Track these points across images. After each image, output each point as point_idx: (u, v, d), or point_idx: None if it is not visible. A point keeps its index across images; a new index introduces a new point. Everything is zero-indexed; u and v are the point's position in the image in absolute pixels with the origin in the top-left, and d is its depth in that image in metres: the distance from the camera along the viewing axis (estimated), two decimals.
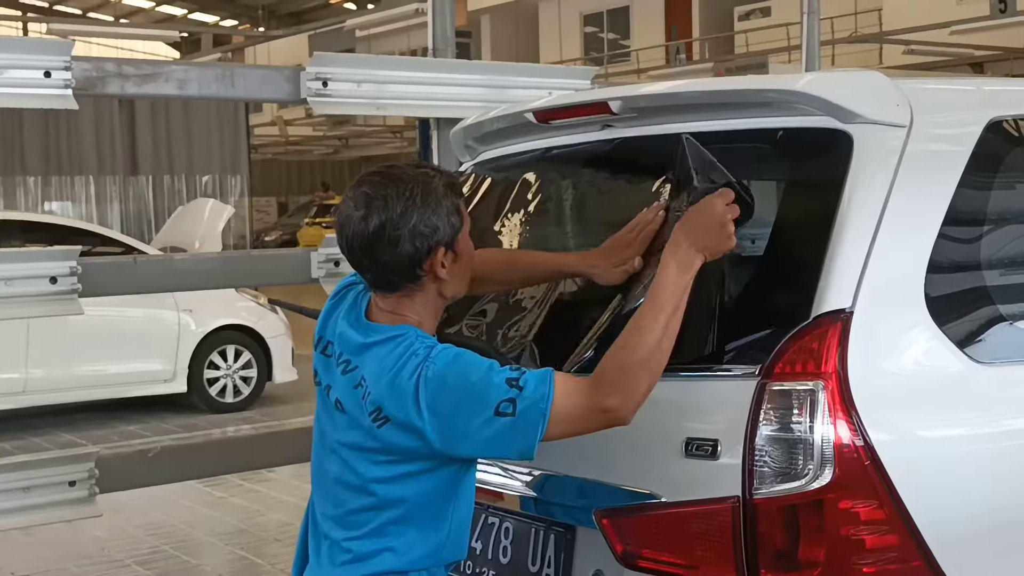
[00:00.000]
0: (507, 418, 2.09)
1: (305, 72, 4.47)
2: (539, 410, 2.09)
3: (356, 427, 2.21)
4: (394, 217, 2.18)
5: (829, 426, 2.05)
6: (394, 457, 2.18)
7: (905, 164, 2.26)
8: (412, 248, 2.19)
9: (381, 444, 2.18)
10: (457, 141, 3.27)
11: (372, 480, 2.21)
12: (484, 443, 2.13)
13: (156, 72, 4.36)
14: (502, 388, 2.10)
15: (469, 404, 2.11)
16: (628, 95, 2.63)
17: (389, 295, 2.25)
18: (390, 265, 2.20)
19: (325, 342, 2.35)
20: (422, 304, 2.25)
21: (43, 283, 4.04)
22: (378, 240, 2.18)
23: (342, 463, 2.26)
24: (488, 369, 2.13)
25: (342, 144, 35.48)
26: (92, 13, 35.62)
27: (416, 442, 2.15)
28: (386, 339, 2.19)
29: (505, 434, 2.10)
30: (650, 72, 22.92)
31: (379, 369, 2.17)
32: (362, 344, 2.22)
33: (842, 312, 2.10)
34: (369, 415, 2.17)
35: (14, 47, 4.02)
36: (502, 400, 2.09)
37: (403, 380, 2.13)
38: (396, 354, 2.16)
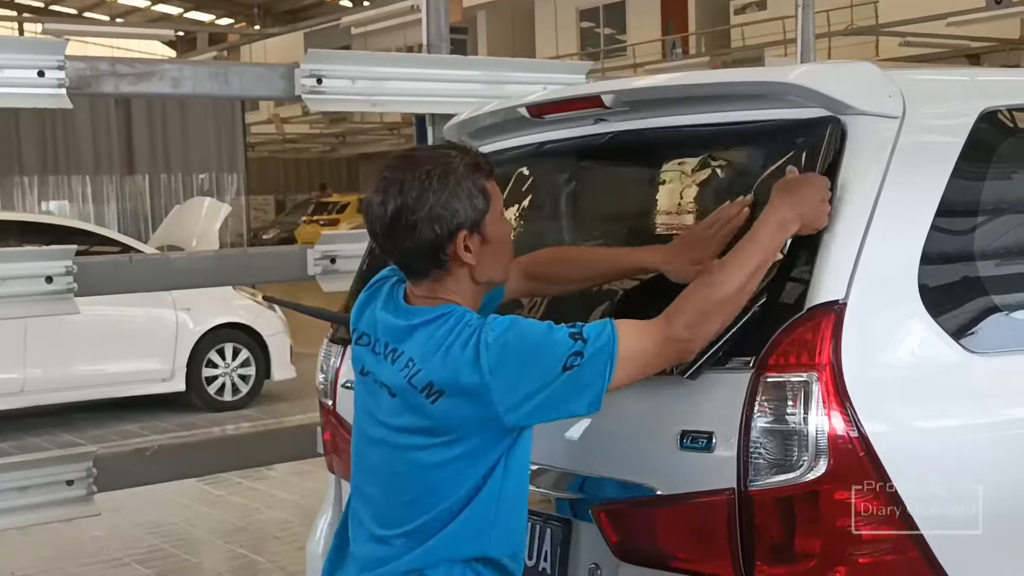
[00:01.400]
0: (574, 371, 2.05)
1: (300, 69, 4.47)
2: (606, 354, 2.06)
3: (408, 408, 2.14)
4: (409, 202, 2.12)
5: (823, 417, 2.05)
6: (448, 438, 2.11)
7: (898, 155, 2.26)
8: (432, 233, 2.13)
9: (434, 422, 2.11)
10: (451, 136, 3.27)
11: (422, 467, 2.14)
12: (553, 403, 2.07)
13: (150, 71, 4.36)
14: (566, 343, 2.06)
15: (535, 364, 2.06)
16: (621, 89, 2.63)
17: (421, 281, 2.20)
18: (413, 251, 2.15)
19: (359, 333, 2.31)
20: (456, 288, 2.19)
21: (39, 282, 4.04)
22: (396, 226, 2.13)
23: (391, 451, 2.19)
24: (548, 328, 2.10)
25: (339, 141, 35.47)
26: (88, 12, 35.59)
27: (476, 410, 2.08)
28: (432, 319, 2.14)
29: (573, 387, 2.06)
30: (646, 66, 22.94)
31: (428, 347, 2.12)
32: (406, 327, 2.17)
33: (836, 303, 2.10)
34: (421, 392, 2.10)
35: (8, 47, 4.02)
36: (569, 354, 2.05)
37: (457, 351, 2.08)
38: (446, 329, 2.11)
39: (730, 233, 2.33)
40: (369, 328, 2.28)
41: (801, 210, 2.16)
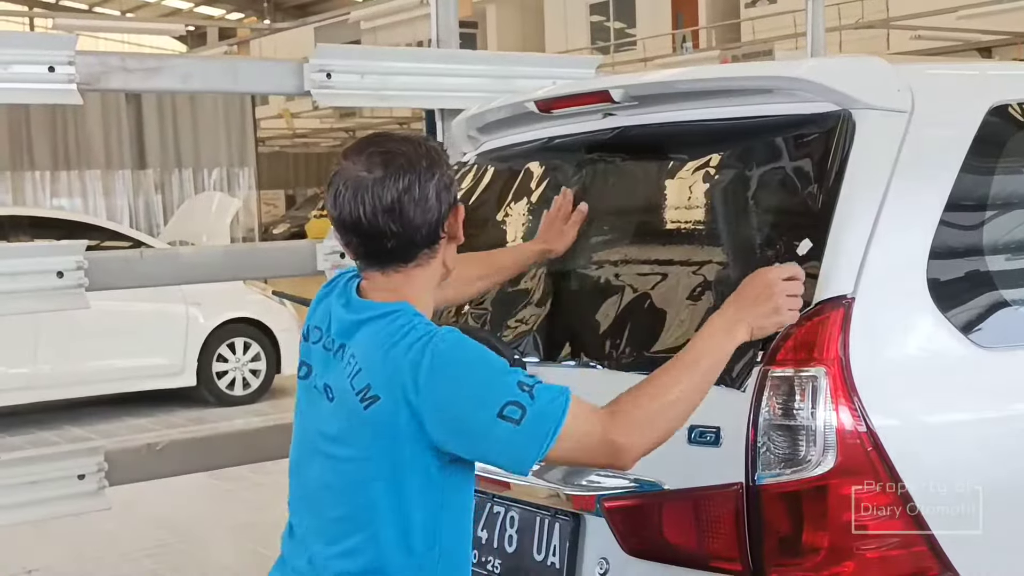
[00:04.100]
0: (509, 424, 1.89)
1: (309, 64, 4.47)
2: (549, 424, 1.91)
3: (342, 413, 2.01)
4: (422, 172, 2.01)
5: (831, 412, 2.05)
6: (380, 446, 1.97)
7: (906, 149, 2.26)
8: (438, 204, 2.02)
9: (367, 430, 1.97)
10: (459, 131, 3.27)
11: (354, 481, 2.01)
12: (477, 442, 1.94)
13: (160, 66, 4.37)
14: (511, 389, 1.91)
15: (472, 395, 1.92)
16: (629, 83, 2.63)
17: (395, 271, 2.05)
18: (417, 227, 2.01)
19: (311, 327, 2.17)
20: (418, 284, 2.07)
21: (50, 277, 4.05)
22: (406, 199, 1.99)
23: (324, 461, 2.05)
24: (500, 366, 1.96)
25: (349, 136, 35.42)
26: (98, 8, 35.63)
27: (406, 425, 1.94)
28: (381, 315, 2.01)
29: (503, 440, 1.91)
30: (656, 60, 22.89)
31: (372, 344, 1.99)
32: (354, 322, 2.04)
33: (844, 298, 2.10)
34: (357, 394, 1.97)
35: (18, 42, 4.03)
36: (509, 402, 1.90)
37: (399, 354, 1.94)
38: (392, 328, 1.99)
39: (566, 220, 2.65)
40: (322, 322, 2.14)
41: (747, 316, 2.08)
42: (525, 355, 2.51)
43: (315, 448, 2.08)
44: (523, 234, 2.89)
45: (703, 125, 2.53)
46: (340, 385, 2.02)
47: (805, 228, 2.21)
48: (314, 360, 2.13)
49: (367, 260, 2.06)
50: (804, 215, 2.24)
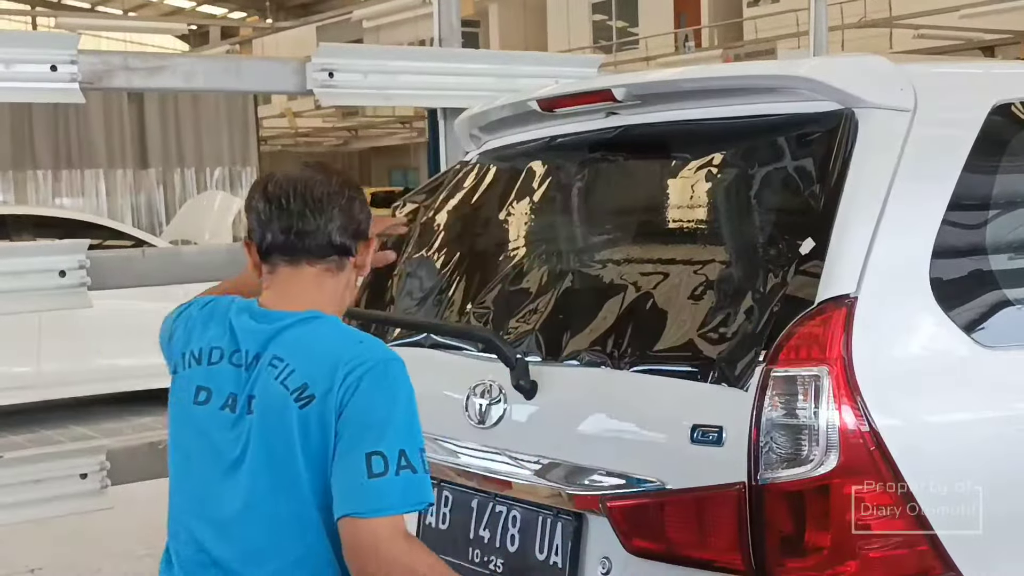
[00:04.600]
0: (376, 475, 1.93)
1: (311, 63, 4.47)
2: (411, 497, 1.95)
3: (273, 418, 2.01)
4: (353, 184, 2.17)
5: (834, 411, 2.04)
6: (315, 455, 1.99)
7: (909, 148, 2.26)
8: (363, 216, 2.16)
9: (301, 432, 1.99)
10: (462, 130, 3.27)
11: (281, 491, 2.01)
12: (340, 467, 1.96)
13: (162, 65, 4.37)
14: (407, 442, 1.96)
15: (375, 426, 1.96)
16: (632, 82, 2.63)
17: (310, 266, 2.11)
18: (342, 223, 2.11)
19: (202, 351, 2.14)
20: (334, 289, 2.14)
21: (52, 277, 4.06)
22: (339, 195, 2.11)
23: (250, 481, 2.03)
24: (418, 422, 2.01)
25: (351, 135, 35.49)
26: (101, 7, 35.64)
27: (333, 425, 1.98)
28: (302, 320, 2.07)
29: (357, 477, 1.93)
30: (658, 59, 22.88)
31: (310, 347, 2.04)
32: (274, 329, 2.07)
33: (846, 297, 2.10)
34: (292, 393, 1.99)
35: (20, 41, 4.04)
36: (399, 449, 1.94)
37: (347, 359, 2.00)
38: (324, 332, 2.06)
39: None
40: (218, 342, 2.13)
41: None
42: (527, 354, 2.51)
43: (224, 474, 2.06)
44: (526, 233, 2.88)
45: (706, 124, 2.52)
46: (268, 391, 2.03)
47: (808, 227, 2.20)
48: (217, 381, 2.10)
49: (283, 251, 2.11)
50: (807, 214, 2.24)
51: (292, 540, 2.03)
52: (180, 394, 2.16)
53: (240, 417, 2.06)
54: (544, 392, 2.47)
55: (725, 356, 2.17)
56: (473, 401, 2.59)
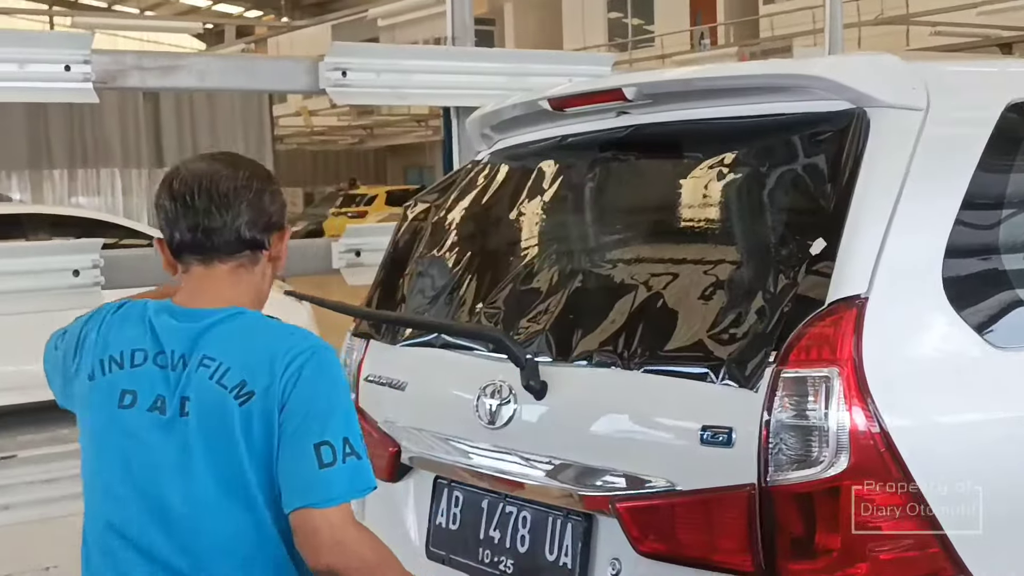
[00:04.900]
0: (326, 465, 1.94)
1: (324, 63, 4.48)
2: (358, 484, 1.97)
3: (212, 419, 1.99)
4: (262, 175, 2.12)
5: (844, 413, 2.03)
6: (259, 452, 1.98)
7: (921, 147, 2.24)
8: (275, 208, 2.10)
9: (243, 429, 1.97)
10: (473, 129, 3.27)
11: (226, 489, 1.99)
12: (287, 459, 1.96)
13: (176, 64, 4.39)
14: (349, 429, 1.98)
15: (319, 415, 1.96)
16: (642, 82, 2.62)
17: (222, 263, 2.07)
18: (251, 218, 2.05)
19: (124, 355, 2.08)
20: (250, 283, 2.10)
21: (66, 276, 4.08)
22: (246, 189, 2.05)
23: (194, 483, 2.00)
24: (351, 407, 2.03)
25: (367, 134, 35.53)
26: (117, 6, 35.77)
27: (275, 419, 1.97)
28: (227, 317, 2.04)
29: (307, 469, 1.94)
30: (674, 57, 22.83)
31: (241, 344, 2.02)
32: (200, 329, 2.04)
33: (857, 298, 2.09)
34: (231, 391, 1.98)
35: (34, 41, 4.06)
36: (343, 437, 1.96)
37: (281, 353, 1.98)
38: (252, 327, 2.04)
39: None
40: (139, 344, 2.07)
41: None
42: (538, 355, 2.50)
43: (164, 477, 2.02)
44: (536, 233, 2.88)
45: (717, 123, 2.51)
46: (203, 391, 2.00)
47: (819, 227, 2.19)
48: (142, 383, 2.05)
49: (193, 250, 2.07)
50: (818, 214, 2.22)
51: (242, 538, 2.02)
52: (102, 399, 2.08)
53: (173, 419, 2.02)
54: (554, 392, 2.46)
55: (735, 357, 2.16)
56: (483, 401, 2.58)
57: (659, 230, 2.60)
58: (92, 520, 2.12)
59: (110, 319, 2.15)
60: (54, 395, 2.28)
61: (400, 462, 2.88)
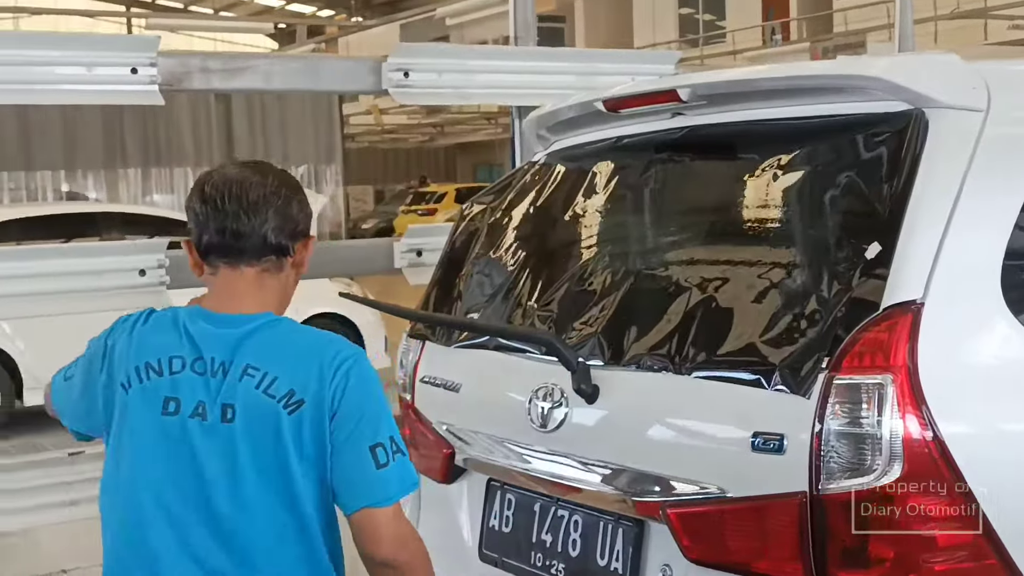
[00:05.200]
0: (382, 466, 2.03)
1: (387, 63, 4.49)
2: (407, 479, 2.07)
3: (260, 427, 2.04)
4: (292, 184, 2.17)
5: (898, 420, 1.99)
6: (310, 457, 2.04)
7: (981, 149, 2.19)
8: (301, 216, 2.16)
9: (293, 437, 2.03)
10: (530, 130, 3.26)
11: (292, 498, 2.04)
12: (345, 463, 2.04)
13: (241, 66, 4.42)
14: (392, 428, 2.07)
15: (370, 419, 2.05)
16: (697, 83, 2.59)
17: (248, 267, 2.11)
18: (278, 224, 2.10)
19: (160, 362, 2.10)
20: (276, 288, 2.15)
21: (132, 276, 4.13)
22: (275, 196, 2.11)
23: (243, 489, 2.04)
24: (389, 406, 2.11)
25: (437, 131, 35.68)
26: (193, 6, 36.30)
27: (326, 427, 2.04)
28: (263, 325, 2.09)
29: (366, 471, 2.02)
30: (745, 53, 22.62)
31: (277, 350, 2.07)
32: (242, 334, 2.08)
33: (913, 303, 2.04)
34: (280, 401, 2.03)
35: (102, 45, 4.11)
36: (389, 436, 2.05)
37: (326, 363, 2.05)
38: (291, 335, 2.11)
39: None
40: (177, 351, 2.10)
41: None
42: (590, 358, 2.48)
43: (210, 485, 2.05)
44: (590, 234, 2.86)
45: (772, 124, 2.48)
46: (251, 400, 2.04)
47: (874, 230, 2.15)
48: (183, 390, 2.08)
49: (221, 252, 2.10)
50: (874, 217, 2.18)
51: (290, 543, 2.07)
52: (144, 406, 2.11)
53: (214, 426, 2.05)
54: (606, 396, 2.45)
55: (787, 362, 2.12)
56: (536, 404, 2.57)
57: (713, 232, 2.57)
58: (128, 519, 2.13)
59: (141, 328, 2.17)
60: (68, 426, 2.34)
61: (454, 464, 2.88)
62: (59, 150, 15.80)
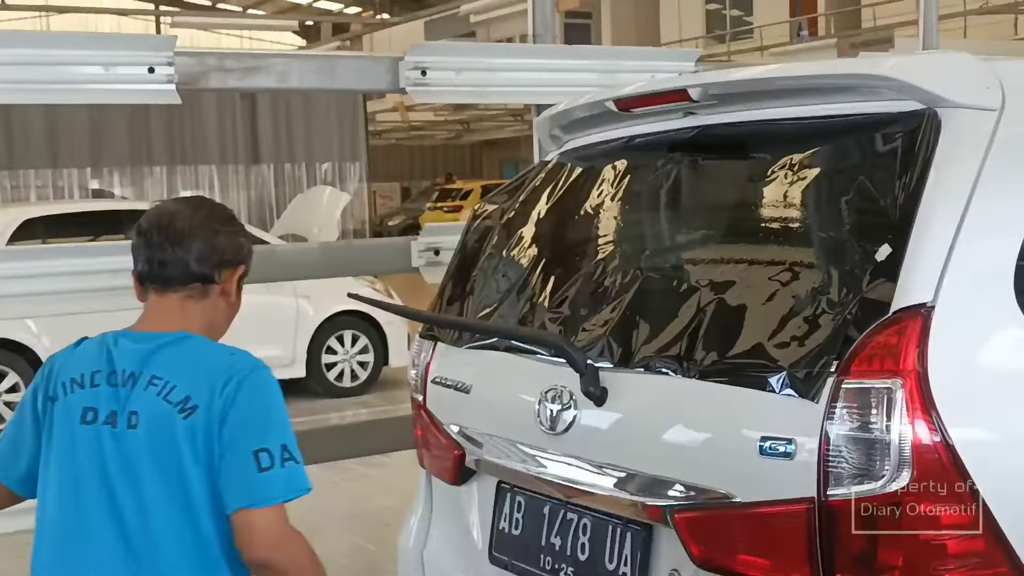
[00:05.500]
0: (264, 469, 2.15)
1: (404, 62, 4.48)
2: (295, 485, 2.18)
3: (158, 432, 2.19)
4: (222, 217, 2.38)
5: (907, 426, 1.96)
6: (203, 461, 2.18)
7: (995, 149, 2.16)
8: (228, 247, 2.34)
9: (187, 441, 2.18)
10: (542, 130, 3.24)
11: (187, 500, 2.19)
12: (228, 466, 2.16)
13: (257, 65, 4.42)
14: (286, 437, 2.20)
15: (258, 426, 2.18)
16: (708, 82, 2.57)
17: (174, 292, 2.30)
18: (201, 254, 2.29)
19: (83, 376, 2.29)
20: (200, 313, 2.33)
21: None
22: (202, 227, 2.31)
23: (143, 493, 2.20)
24: (286, 419, 2.24)
25: (464, 128, 35.67)
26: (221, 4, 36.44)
27: (215, 432, 2.17)
28: (173, 340, 2.27)
29: (247, 473, 2.15)
30: (772, 50, 22.50)
31: (184, 363, 2.24)
32: (152, 349, 2.26)
33: (923, 307, 2.01)
34: (176, 406, 2.19)
35: (119, 44, 4.12)
36: (281, 444, 2.17)
37: (221, 372, 2.20)
38: (207, 350, 2.28)
39: None
40: (96, 366, 2.28)
41: None
42: (599, 360, 2.46)
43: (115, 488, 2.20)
44: (602, 235, 2.84)
45: (784, 124, 2.45)
46: (151, 407, 2.21)
47: (885, 232, 2.11)
48: (100, 401, 2.25)
49: (151, 279, 2.32)
50: (884, 218, 2.15)
51: (186, 544, 2.20)
52: (65, 416, 2.28)
53: (122, 432, 2.22)
54: (614, 399, 2.42)
55: (796, 366, 2.09)
56: (545, 406, 2.56)
57: (722, 233, 2.54)
58: (47, 529, 2.29)
59: (73, 350, 2.36)
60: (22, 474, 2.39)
61: (465, 466, 2.87)
62: (86, 148, 15.89)
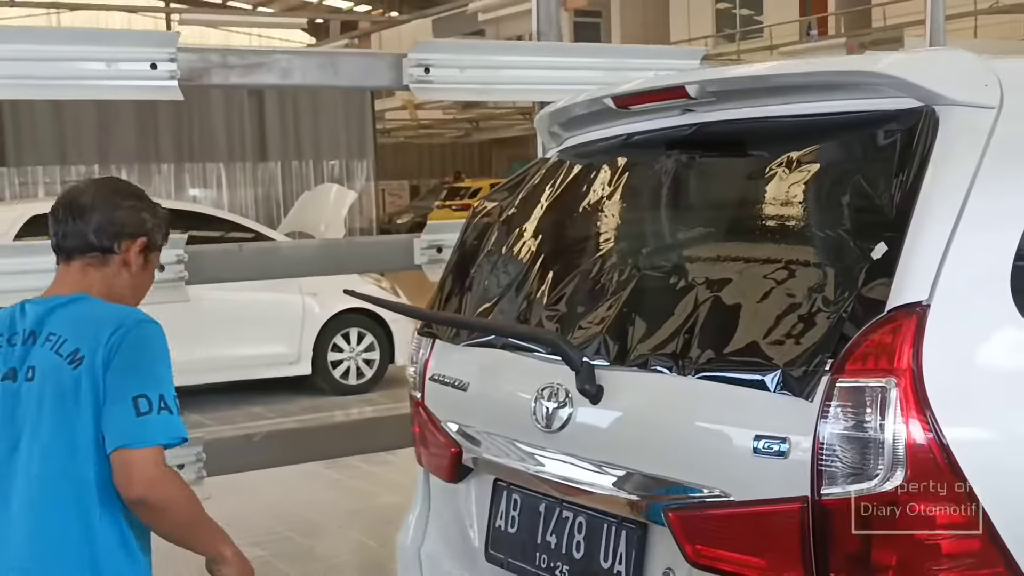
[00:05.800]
0: (142, 414, 2.34)
1: (407, 59, 4.47)
2: (170, 432, 2.37)
3: (51, 383, 2.39)
4: (125, 193, 2.62)
5: (901, 425, 1.95)
6: (88, 407, 2.36)
7: (993, 147, 2.14)
8: (128, 220, 2.56)
9: (73, 388, 2.37)
10: (542, 127, 3.23)
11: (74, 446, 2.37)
12: (109, 410, 2.36)
13: (260, 62, 4.41)
14: (165, 389, 2.39)
15: (139, 374, 2.38)
16: (706, 79, 2.55)
17: (76, 261, 2.54)
18: (99, 226, 2.52)
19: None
20: (101, 280, 2.55)
21: None
22: (103, 202, 2.56)
23: (35, 435, 2.40)
24: (170, 373, 2.44)
25: (472, 127, 35.69)
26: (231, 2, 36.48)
27: (100, 379, 2.37)
28: (69, 301, 2.49)
29: (126, 416, 2.34)
30: (782, 48, 22.46)
31: (77, 320, 2.45)
32: (47, 309, 2.48)
33: (918, 305, 2.00)
34: (66, 358, 2.40)
35: (121, 40, 4.12)
36: (159, 394, 2.37)
37: (109, 323, 2.40)
38: (99, 307, 2.47)
39: None
40: (7, 330, 2.52)
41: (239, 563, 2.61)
42: (595, 357, 2.45)
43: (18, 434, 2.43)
44: (599, 232, 2.83)
45: (781, 121, 2.44)
46: (45, 360, 2.43)
47: (881, 230, 2.10)
48: (9, 359, 2.48)
49: (58, 250, 2.59)
50: (880, 216, 2.13)
51: (69, 480, 2.39)
52: None
53: (21, 385, 2.45)
54: (610, 397, 2.41)
55: (790, 364, 2.08)
56: (541, 404, 2.55)
57: (720, 231, 2.52)
58: None
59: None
60: None
61: (462, 463, 2.86)
62: (94, 145, 15.89)
